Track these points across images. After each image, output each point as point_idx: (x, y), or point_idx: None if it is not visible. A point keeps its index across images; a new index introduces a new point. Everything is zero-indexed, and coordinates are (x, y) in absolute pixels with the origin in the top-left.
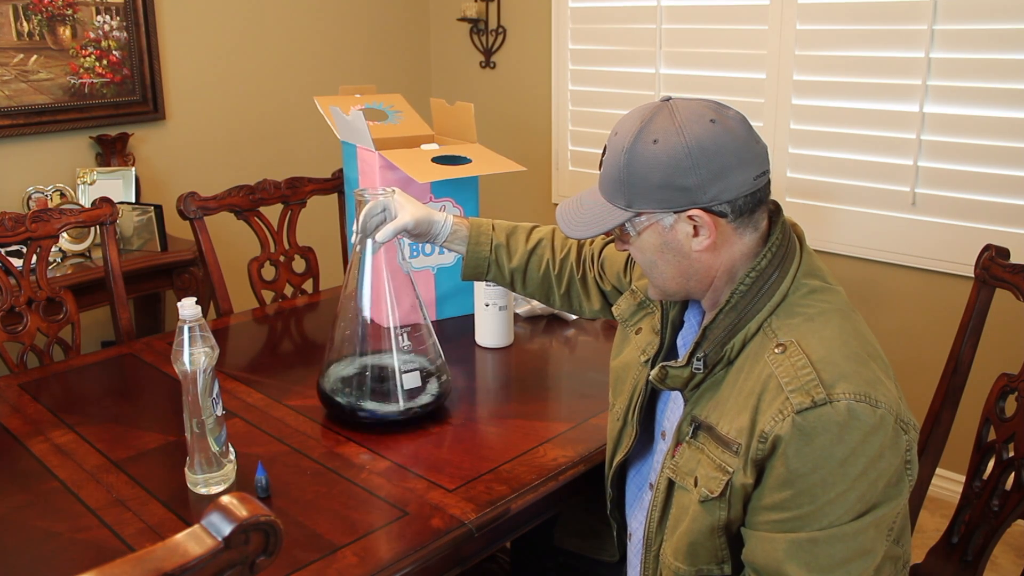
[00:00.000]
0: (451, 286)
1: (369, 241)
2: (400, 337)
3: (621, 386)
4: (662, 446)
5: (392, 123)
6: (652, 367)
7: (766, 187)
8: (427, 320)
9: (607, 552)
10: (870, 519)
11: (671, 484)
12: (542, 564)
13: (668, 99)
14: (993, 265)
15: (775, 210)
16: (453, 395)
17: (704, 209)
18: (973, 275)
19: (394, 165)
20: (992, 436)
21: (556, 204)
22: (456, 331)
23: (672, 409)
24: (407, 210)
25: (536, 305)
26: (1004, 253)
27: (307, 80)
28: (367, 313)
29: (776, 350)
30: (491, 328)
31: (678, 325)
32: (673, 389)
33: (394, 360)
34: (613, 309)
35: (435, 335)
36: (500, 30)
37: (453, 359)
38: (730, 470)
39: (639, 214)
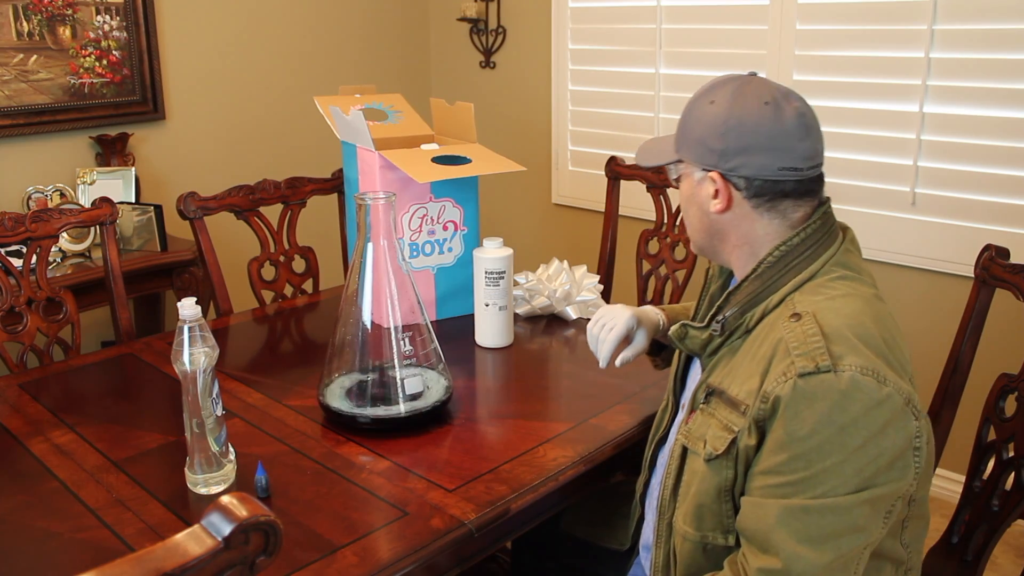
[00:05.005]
0: (451, 286)
1: (369, 244)
2: (402, 341)
3: (671, 369)
4: (680, 417)
5: (392, 123)
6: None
7: (796, 184)
8: (427, 322)
9: (617, 540)
10: (866, 496)
11: (684, 451)
12: (542, 564)
13: (753, 74)
14: (993, 265)
15: (822, 204)
16: (453, 395)
17: (722, 175)
18: (973, 275)
19: (394, 165)
20: (992, 436)
21: (556, 204)
22: (456, 331)
23: (694, 379)
24: (646, 334)
25: (536, 305)
26: (1004, 253)
27: (307, 80)
28: (368, 316)
29: (791, 319)
30: (491, 328)
31: (717, 299)
32: (691, 351)
33: (395, 364)
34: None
35: (436, 338)
36: (500, 30)
37: (453, 359)
38: (735, 429)
39: (680, 161)
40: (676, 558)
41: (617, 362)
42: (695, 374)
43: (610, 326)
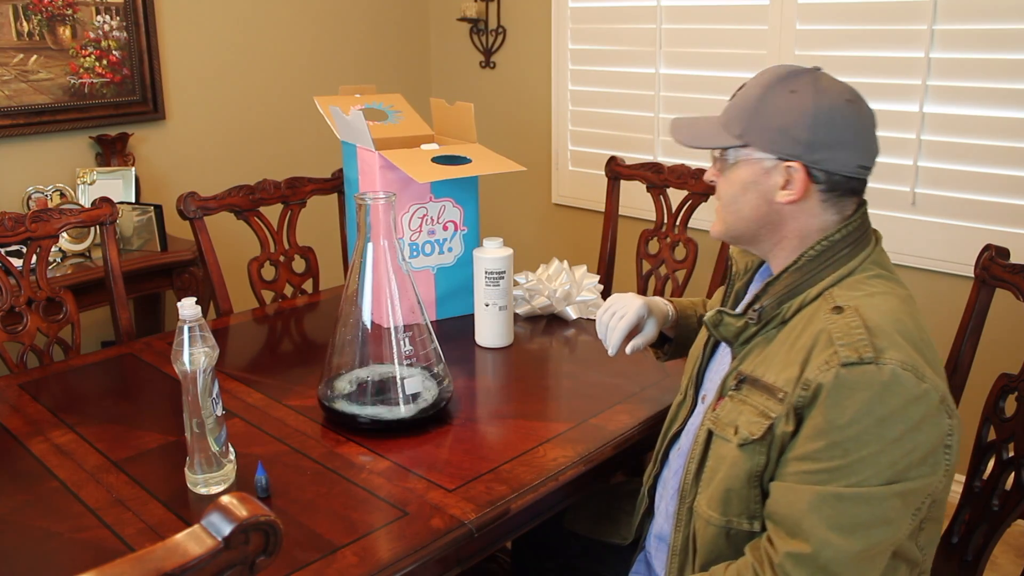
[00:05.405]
0: (451, 286)
1: (369, 244)
2: (402, 341)
3: (688, 364)
4: (700, 408)
5: (392, 123)
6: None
7: (860, 182)
8: (427, 322)
9: (620, 535)
10: (898, 488)
11: (710, 435)
12: (543, 564)
13: (818, 69)
14: (993, 265)
15: (861, 205)
16: (453, 395)
17: (805, 167)
18: (973, 275)
19: (394, 165)
20: (992, 436)
21: (556, 204)
22: (456, 331)
23: (716, 370)
24: (655, 324)
25: (536, 305)
26: (1004, 253)
27: (307, 80)
28: (368, 316)
29: (832, 311)
30: (491, 328)
31: (742, 297)
32: (723, 339)
33: (395, 364)
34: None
35: (436, 338)
36: (500, 30)
37: (453, 359)
38: (772, 415)
39: (746, 146)
40: (696, 543)
41: (628, 349)
42: (714, 368)
43: (620, 314)
